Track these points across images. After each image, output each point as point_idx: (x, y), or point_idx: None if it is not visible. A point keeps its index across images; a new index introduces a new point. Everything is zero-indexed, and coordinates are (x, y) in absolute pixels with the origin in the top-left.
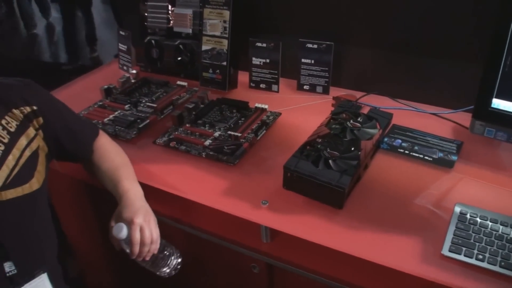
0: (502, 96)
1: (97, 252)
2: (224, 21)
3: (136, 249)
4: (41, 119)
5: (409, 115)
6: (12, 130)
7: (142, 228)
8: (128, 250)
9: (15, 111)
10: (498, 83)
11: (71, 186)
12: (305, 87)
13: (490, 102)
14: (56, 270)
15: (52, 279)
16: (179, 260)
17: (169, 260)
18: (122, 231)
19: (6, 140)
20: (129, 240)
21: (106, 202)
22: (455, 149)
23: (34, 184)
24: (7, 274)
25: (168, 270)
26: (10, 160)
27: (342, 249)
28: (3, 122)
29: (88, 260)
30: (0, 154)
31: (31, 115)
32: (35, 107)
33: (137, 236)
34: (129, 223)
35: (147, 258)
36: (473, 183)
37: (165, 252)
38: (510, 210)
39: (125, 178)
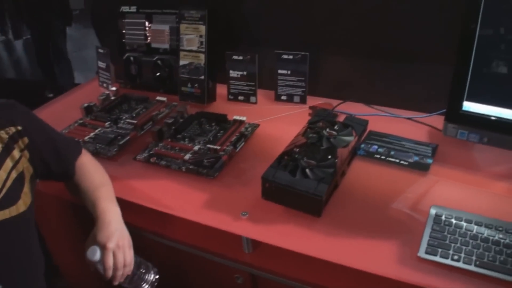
0: (472, 98)
1: (84, 271)
2: (201, 36)
3: (109, 273)
4: (26, 139)
5: (385, 120)
6: None
7: (115, 252)
8: (102, 272)
9: (0, 132)
10: (468, 86)
11: (56, 206)
12: (282, 97)
13: (461, 105)
14: None
15: None
16: (156, 276)
17: (146, 276)
18: (95, 255)
19: None
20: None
21: (92, 221)
22: (431, 152)
23: (21, 206)
24: None
25: (146, 287)
26: None
27: (321, 256)
28: None
29: (76, 279)
30: None
31: (16, 136)
32: (19, 127)
33: (109, 261)
34: (102, 247)
35: (121, 280)
36: (448, 185)
37: (141, 269)
38: (485, 209)
39: (103, 198)
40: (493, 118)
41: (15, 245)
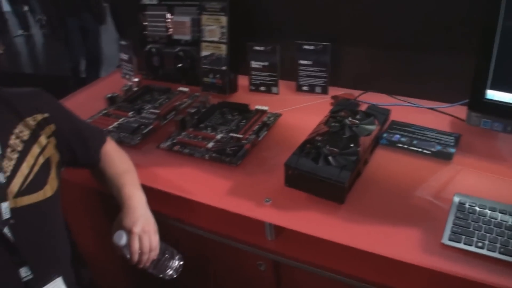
0: (496, 87)
1: (108, 259)
2: (222, 27)
3: (135, 257)
4: (53, 126)
5: (407, 111)
6: (25, 138)
7: (141, 237)
8: (128, 256)
9: (27, 119)
10: (491, 74)
11: (82, 194)
12: (304, 88)
13: (485, 94)
14: (69, 275)
15: (66, 283)
16: (181, 262)
17: (170, 262)
18: (122, 239)
19: (20, 148)
20: (128, 247)
21: (116, 209)
22: (453, 141)
23: (48, 191)
24: (23, 279)
25: (170, 272)
26: (25, 168)
27: (344, 242)
28: (16, 131)
29: (99, 267)
30: (14, 162)
31: (43, 123)
32: (46, 115)
33: (135, 245)
34: (129, 232)
35: (147, 264)
36: (471, 174)
37: (166, 255)
38: (508, 198)
39: (129, 184)
40: None
41: (42, 229)
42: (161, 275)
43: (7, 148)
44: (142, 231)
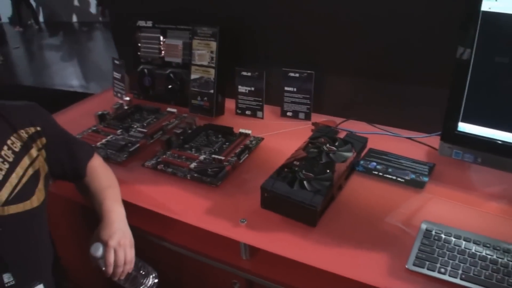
0: (467, 120)
1: (91, 274)
2: (212, 52)
3: (110, 269)
4: (44, 139)
5: (385, 139)
6: (16, 150)
7: (116, 250)
8: (103, 268)
9: (20, 131)
10: (463, 107)
11: (66, 208)
12: (288, 113)
13: (457, 126)
14: (50, 283)
15: None
16: (155, 280)
17: (145, 280)
18: (98, 251)
19: (10, 159)
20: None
21: (98, 222)
22: (427, 170)
23: (34, 201)
24: (6, 285)
25: None
26: (14, 178)
27: (314, 264)
28: (9, 142)
29: (81, 281)
30: (4, 172)
31: (35, 136)
32: (39, 128)
33: (110, 258)
34: (105, 244)
35: (122, 278)
36: (441, 203)
37: (141, 271)
38: (474, 227)
39: (110, 199)
40: (486, 139)
41: (27, 238)
42: None
43: None
44: (118, 244)
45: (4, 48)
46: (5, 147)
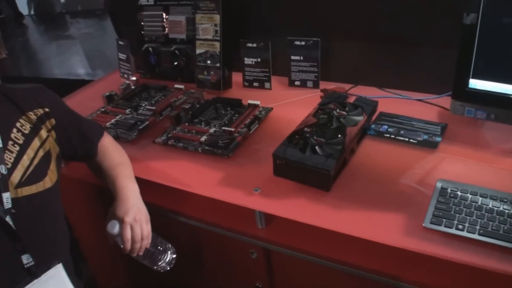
0: (478, 76)
1: (108, 255)
2: (215, 25)
3: (128, 245)
4: (53, 120)
5: (396, 102)
6: (26, 132)
7: (133, 226)
8: (121, 246)
9: (29, 113)
10: (473, 63)
11: (82, 190)
12: (296, 83)
13: (467, 83)
14: (69, 264)
15: (66, 271)
16: (174, 255)
17: (164, 255)
18: (114, 228)
19: (21, 142)
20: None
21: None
22: (440, 131)
23: (47, 182)
24: (25, 266)
25: (163, 265)
26: (25, 160)
27: (330, 227)
28: (18, 124)
29: (100, 264)
30: (16, 154)
31: (44, 117)
32: (47, 109)
33: (127, 234)
34: (121, 221)
35: (140, 253)
36: (455, 161)
37: (159, 247)
38: (490, 183)
39: (122, 176)
40: (499, 94)
41: (42, 218)
42: (154, 267)
43: (8, 141)
44: (134, 220)
45: (8, 42)
46: (15, 130)
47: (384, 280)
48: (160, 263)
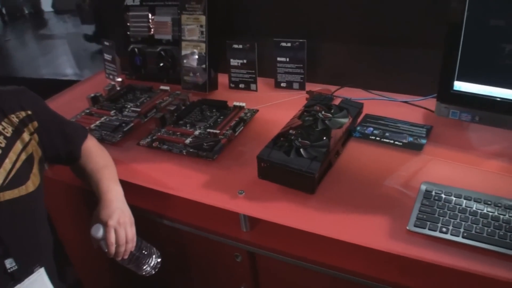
0: (462, 78)
1: (94, 259)
2: (201, 26)
3: (112, 249)
4: (36, 123)
5: (382, 104)
6: (8, 135)
7: (117, 229)
8: (106, 250)
9: (11, 116)
10: (458, 66)
11: (67, 193)
12: (282, 84)
13: (452, 85)
14: (52, 268)
15: (49, 275)
16: (159, 259)
17: (148, 259)
18: (98, 232)
19: (3, 145)
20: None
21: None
22: (425, 133)
23: (30, 186)
24: (8, 270)
25: (148, 269)
26: (7, 164)
27: (314, 230)
28: (0, 128)
29: (86, 268)
30: None
31: (26, 120)
32: (29, 112)
33: (111, 237)
34: (104, 225)
35: (125, 257)
36: (440, 163)
37: (144, 251)
38: (474, 185)
39: (106, 178)
40: (483, 96)
41: (24, 222)
42: (139, 271)
43: None
44: (118, 224)
45: None
46: None
47: (369, 283)
48: (145, 267)
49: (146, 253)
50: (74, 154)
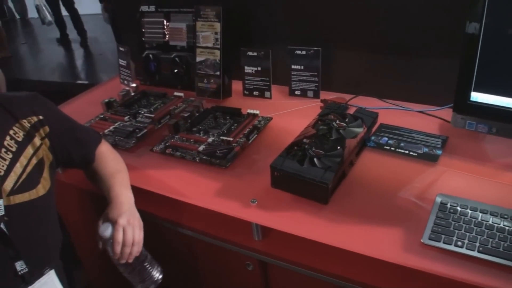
0: (479, 89)
1: (106, 264)
2: (216, 33)
3: (118, 248)
4: (47, 128)
5: (397, 114)
6: (19, 139)
7: (125, 229)
8: (111, 253)
9: (22, 121)
10: (475, 76)
11: (80, 197)
12: (296, 92)
13: (469, 96)
14: (62, 270)
15: (59, 278)
16: (160, 276)
17: (150, 273)
18: (107, 230)
19: (14, 149)
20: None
21: None
22: (440, 144)
23: (40, 190)
24: (19, 273)
25: (148, 283)
26: (18, 168)
27: (327, 241)
28: (11, 132)
29: (97, 272)
30: (8, 162)
31: (37, 125)
32: (41, 117)
33: (119, 236)
34: (114, 223)
35: (130, 261)
36: (456, 175)
37: (146, 265)
38: (490, 198)
39: (118, 184)
40: (501, 108)
41: (35, 226)
42: (139, 285)
43: (1, 148)
44: (127, 223)
45: (12, 45)
46: (8, 137)
47: None
48: (146, 281)
49: (149, 267)
50: (88, 158)
